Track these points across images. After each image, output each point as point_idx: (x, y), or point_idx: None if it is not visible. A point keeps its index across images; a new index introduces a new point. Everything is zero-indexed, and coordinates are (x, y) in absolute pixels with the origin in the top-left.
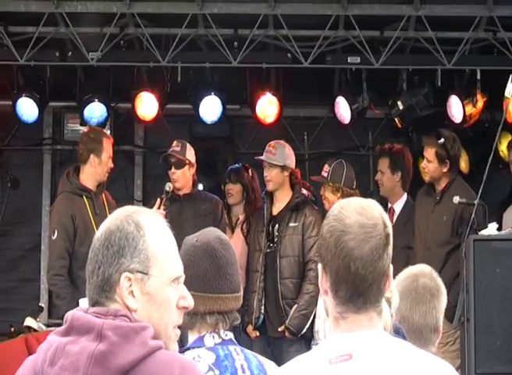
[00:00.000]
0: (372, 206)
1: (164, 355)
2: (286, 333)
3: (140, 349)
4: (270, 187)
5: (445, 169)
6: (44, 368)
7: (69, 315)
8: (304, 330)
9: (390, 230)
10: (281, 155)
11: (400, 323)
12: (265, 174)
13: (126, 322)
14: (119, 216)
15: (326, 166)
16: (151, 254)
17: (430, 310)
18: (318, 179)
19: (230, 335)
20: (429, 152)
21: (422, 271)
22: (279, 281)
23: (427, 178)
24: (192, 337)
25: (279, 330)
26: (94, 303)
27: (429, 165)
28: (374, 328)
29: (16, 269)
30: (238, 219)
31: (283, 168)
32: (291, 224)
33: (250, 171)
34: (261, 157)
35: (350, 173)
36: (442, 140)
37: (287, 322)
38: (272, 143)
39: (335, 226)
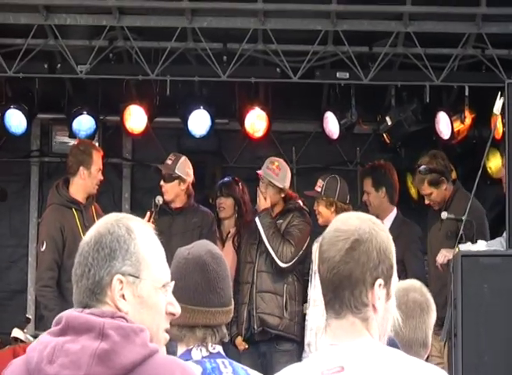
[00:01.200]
0: (358, 216)
1: (163, 357)
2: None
3: (142, 350)
4: (263, 202)
5: (444, 187)
6: (42, 366)
7: (62, 316)
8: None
9: (366, 238)
10: (283, 177)
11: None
12: (262, 190)
13: (124, 322)
14: (108, 221)
15: (320, 181)
16: (142, 258)
17: (420, 325)
18: (311, 194)
19: (219, 348)
20: (425, 187)
21: (413, 286)
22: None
23: (436, 207)
24: (180, 349)
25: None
26: (84, 306)
27: (432, 197)
28: (359, 334)
29: (3, 280)
30: (229, 232)
31: (282, 190)
32: (278, 221)
33: (240, 184)
34: (263, 173)
35: (343, 187)
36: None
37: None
38: (275, 162)
39: (324, 234)
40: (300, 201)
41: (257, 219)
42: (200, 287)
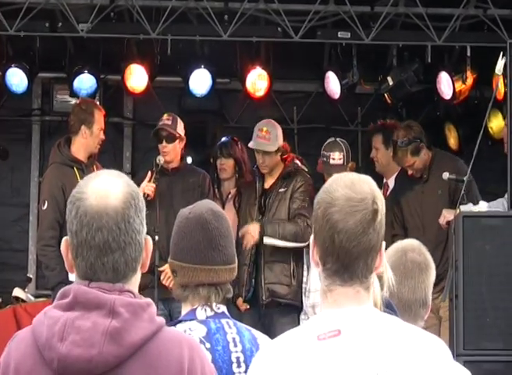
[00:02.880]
0: (364, 181)
1: (170, 332)
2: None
3: (150, 325)
4: (266, 170)
5: (423, 153)
6: (53, 343)
7: (70, 289)
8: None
9: (380, 207)
10: (274, 138)
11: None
12: (261, 161)
13: (132, 298)
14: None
15: (337, 153)
16: None
17: (419, 285)
18: (334, 170)
19: (223, 308)
20: (408, 159)
21: (411, 245)
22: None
23: (418, 174)
24: (185, 309)
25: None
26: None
27: (415, 166)
28: (362, 303)
29: (4, 239)
30: (229, 193)
31: (277, 150)
32: (280, 190)
33: (239, 144)
34: (254, 146)
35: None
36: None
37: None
38: (263, 127)
39: (323, 198)
40: (297, 162)
41: (266, 240)
42: (202, 245)
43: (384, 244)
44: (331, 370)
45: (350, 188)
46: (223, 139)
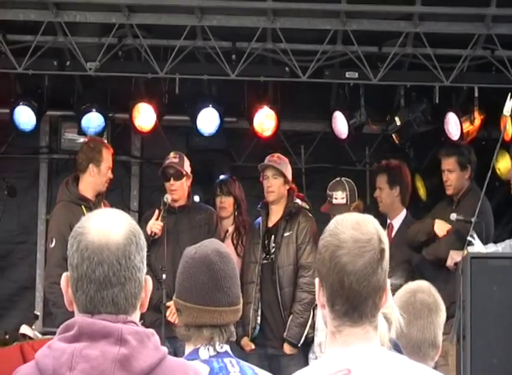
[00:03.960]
0: (368, 221)
1: (175, 360)
2: (286, 346)
3: (156, 353)
4: (271, 197)
5: (467, 176)
6: (61, 373)
7: (74, 322)
8: (303, 338)
9: (386, 245)
10: (284, 167)
11: (397, 339)
12: (269, 184)
13: (136, 327)
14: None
15: (339, 193)
16: None
17: (428, 325)
18: (335, 210)
19: (226, 347)
20: (449, 162)
21: (420, 287)
22: (279, 292)
23: (449, 191)
24: (188, 349)
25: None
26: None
27: (451, 175)
28: (370, 342)
29: (12, 277)
30: (227, 231)
31: (286, 181)
32: (286, 234)
33: (237, 183)
34: (264, 164)
35: (353, 186)
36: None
37: (285, 334)
38: (276, 154)
39: (330, 241)
40: (298, 201)
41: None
42: (207, 286)
43: (389, 281)
44: None
45: (356, 230)
46: (222, 177)
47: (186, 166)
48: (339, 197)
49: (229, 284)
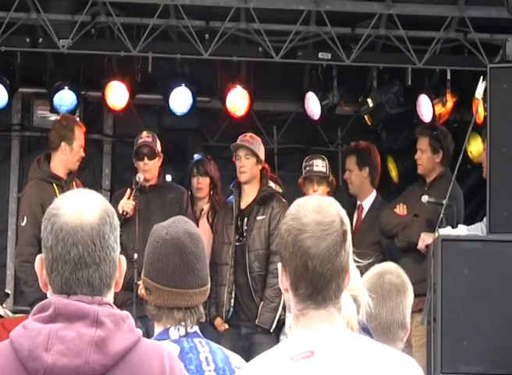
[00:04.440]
0: (329, 204)
1: (149, 342)
2: (259, 330)
3: (131, 336)
4: (244, 178)
5: (438, 159)
6: (37, 354)
7: (49, 302)
8: (275, 323)
9: (348, 227)
10: (257, 147)
11: (367, 321)
12: (241, 164)
13: (112, 309)
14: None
15: (320, 161)
16: None
17: (396, 306)
18: (316, 175)
19: (195, 328)
20: (423, 142)
21: (388, 268)
22: (249, 275)
23: (420, 171)
24: (158, 329)
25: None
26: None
27: (423, 155)
28: (333, 323)
29: None
30: (202, 210)
31: (258, 160)
32: (258, 218)
33: (211, 162)
34: (236, 143)
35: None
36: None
37: (257, 320)
38: (248, 134)
39: (292, 225)
40: (272, 184)
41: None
42: (179, 268)
43: (352, 262)
44: None
45: (318, 212)
46: (196, 157)
47: (158, 146)
48: (320, 165)
49: (200, 266)
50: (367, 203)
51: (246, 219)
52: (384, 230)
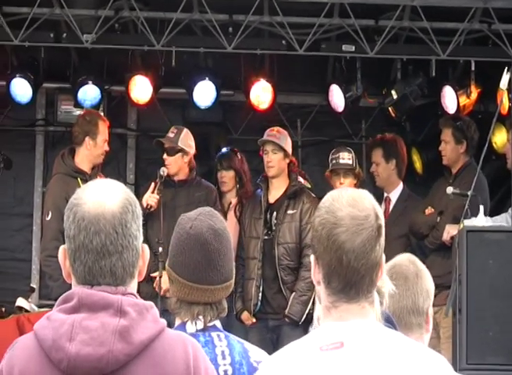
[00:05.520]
0: (364, 197)
1: (173, 332)
2: (287, 321)
3: (155, 325)
4: (272, 172)
5: (462, 150)
6: (61, 344)
7: (73, 293)
8: (304, 316)
9: (382, 221)
10: (284, 141)
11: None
12: (268, 159)
13: (136, 299)
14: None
15: (346, 154)
16: None
17: (403, 292)
18: (342, 167)
19: (215, 321)
20: (446, 133)
21: (399, 260)
22: (278, 268)
23: (444, 161)
24: (177, 322)
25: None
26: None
27: (446, 146)
28: (365, 317)
29: (8, 249)
30: (230, 203)
31: (286, 155)
32: (289, 212)
33: (238, 155)
34: (263, 139)
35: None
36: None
37: (287, 310)
38: (275, 128)
39: (327, 219)
40: (301, 179)
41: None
42: (201, 265)
43: (384, 256)
44: None
45: (353, 206)
46: (223, 151)
47: (183, 142)
48: (346, 157)
49: (223, 262)
50: (394, 195)
51: (275, 212)
52: (412, 231)
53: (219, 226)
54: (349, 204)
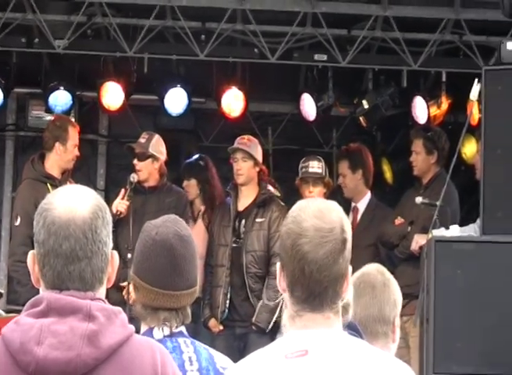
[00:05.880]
0: (332, 209)
1: (141, 338)
2: (254, 329)
3: (123, 330)
4: (241, 180)
5: (432, 160)
6: (29, 347)
7: (42, 297)
8: (271, 324)
9: (348, 235)
10: (254, 149)
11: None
12: (238, 167)
13: (104, 304)
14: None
15: (316, 162)
16: None
17: (370, 300)
18: (312, 175)
19: (181, 328)
20: (417, 144)
21: (367, 269)
22: (246, 276)
23: (415, 172)
24: (143, 328)
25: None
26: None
27: (417, 157)
28: (330, 326)
29: None
30: (200, 210)
31: (255, 163)
32: (258, 220)
33: (205, 161)
34: (233, 146)
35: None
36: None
37: (254, 318)
38: (246, 136)
39: (292, 229)
40: (270, 188)
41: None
42: (166, 270)
43: (350, 268)
44: None
45: (319, 218)
46: (187, 160)
47: (154, 148)
48: (316, 166)
49: (188, 268)
50: (362, 205)
51: (244, 220)
52: (382, 241)
53: (185, 233)
54: (315, 215)
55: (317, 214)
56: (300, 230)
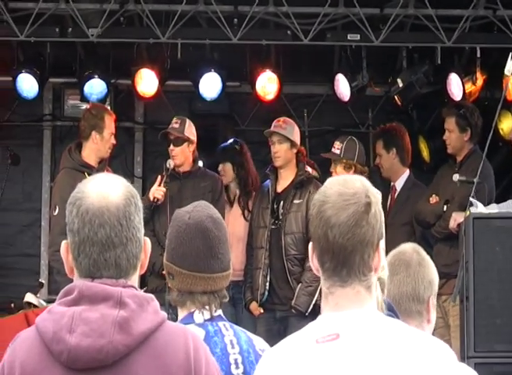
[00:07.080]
0: (356, 179)
1: (174, 324)
2: (294, 312)
3: (155, 317)
4: (278, 162)
5: (466, 138)
6: (61, 336)
7: (74, 286)
8: (311, 306)
9: (373, 200)
10: (291, 131)
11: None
12: (275, 150)
13: (136, 291)
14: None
15: (338, 142)
16: None
17: (404, 279)
18: (329, 156)
19: (219, 311)
20: (449, 122)
21: (402, 248)
22: (285, 258)
23: (449, 150)
24: (182, 314)
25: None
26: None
27: (451, 135)
28: (363, 305)
29: (16, 245)
30: (236, 194)
31: (292, 144)
32: (296, 201)
33: (240, 145)
34: (269, 130)
35: (361, 150)
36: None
37: (293, 301)
38: (281, 119)
39: (317, 198)
40: (309, 169)
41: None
42: (202, 253)
43: (383, 242)
44: (328, 374)
45: (342, 185)
46: (223, 144)
47: (188, 132)
48: (336, 146)
49: (223, 250)
50: (399, 184)
51: (282, 202)
52: (418, 220)
53: (217, 216)
54: (339, 183)
55: (341, 182)
56: (323, 198)
